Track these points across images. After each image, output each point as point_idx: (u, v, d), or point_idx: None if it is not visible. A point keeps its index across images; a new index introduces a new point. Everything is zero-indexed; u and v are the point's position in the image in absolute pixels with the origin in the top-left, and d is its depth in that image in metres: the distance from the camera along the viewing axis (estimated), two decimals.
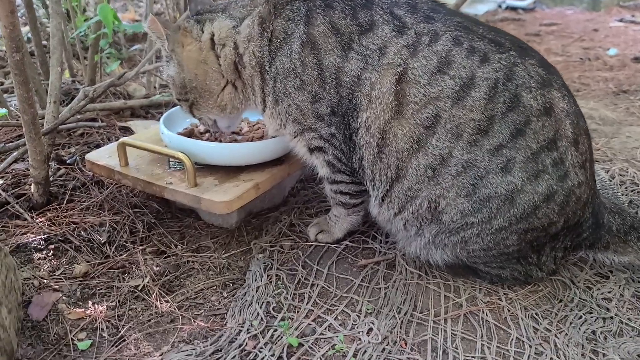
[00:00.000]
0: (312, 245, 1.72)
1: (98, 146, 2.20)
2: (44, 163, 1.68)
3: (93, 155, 1.78)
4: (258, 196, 1.69)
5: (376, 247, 1.72)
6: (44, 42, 3.43)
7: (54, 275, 1.57)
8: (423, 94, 1.38)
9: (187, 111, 1.65)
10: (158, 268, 1.62)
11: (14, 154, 1.84)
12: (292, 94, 1.49)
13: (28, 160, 1.72)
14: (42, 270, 1.59)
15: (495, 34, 1.44)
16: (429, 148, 1.40)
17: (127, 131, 2.37)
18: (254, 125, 1.93)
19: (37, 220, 1.74)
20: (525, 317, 1.44)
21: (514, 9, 5.49)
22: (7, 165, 1.82)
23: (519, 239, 1.43)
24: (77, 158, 2.05)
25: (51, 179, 1.92)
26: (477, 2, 5.47)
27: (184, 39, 1.53)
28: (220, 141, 1.80)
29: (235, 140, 1.81)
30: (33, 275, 1.56)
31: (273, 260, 1.65)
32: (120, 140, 1.70)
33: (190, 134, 1.83)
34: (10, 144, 1.87)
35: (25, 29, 3.27)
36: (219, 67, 1.54)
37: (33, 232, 1.69)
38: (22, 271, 1.57)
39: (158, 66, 2.38)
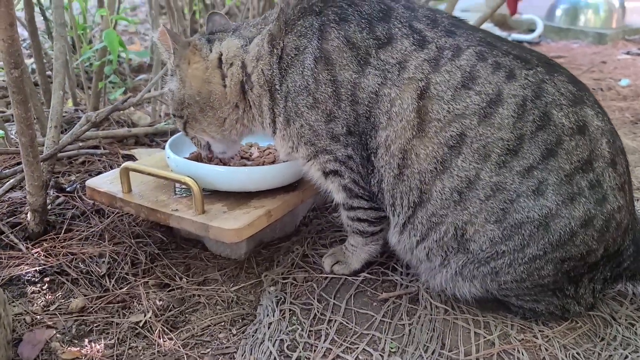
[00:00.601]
0: (327, 277, 1.60)
1: (99, 174, 2.09)
2: (41, 189, 1.57)
3: (94, 182, 1.68)
4: (269, 224, 1.58)
5: (397, 280, 1.59)
6: (48, 72, 3.39)
7: (48, 310, 1.45)
8: (447, 111, 1.29)
9: (181, 128, 1.58)
10: (161, 302, 1.49)
11: (11, 181, 1.73)
12: (304, 114, 1.40)
13: (25, 188, 1.62)
14: (35, 305, 1.46)
15: (520, 51, 1.36)
16: (454, 169, 1.30)
17: (131, 159, 2.27)
18: (264, 151, 1.83)
19: (32, 251, 1.62)
20: (566, 357, 1.31)
21: (519, 42, 5.48)
22: (2, 192, 1.71)
23: (554, 269, 1.31)
24: (78, 186, 1.95)
25: (49, 207, 1.82)
26: None
27: (191, 56, 1.48)
28: (229, 165, 1.69)
29: (245, 166, 1.70)
30: (25, 311, 1.43)
31: (286, 293, 1.53)
32: (124, 164, 1.59)
33: (197, 158, 1.73)
34: (6, 171, 1.77)
35: (29, 61, 3.22)
36: (223, 88, 1.48)
37: (27, 264, 1.57)
38: (14, 306, 1.45)
39: (163, 92, 2.30)
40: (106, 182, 1.67)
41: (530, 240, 1.29)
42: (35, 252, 1.62)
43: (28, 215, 1.65)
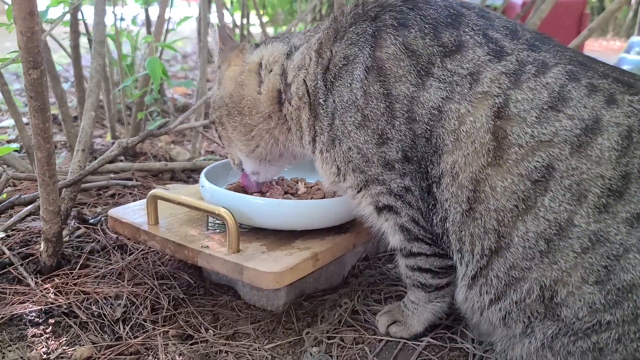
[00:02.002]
0: (382, 339, 1.31)
1: None
2: (57, 216, 1.37)
3: (117, 211, 1.48)
4: (314, 271, 1.32)
5: (468, 348, 1.29)
6: None
7: (48, 359, 1.21)
8: (530, 135, 1.05)
9: (217, 137, 1.46)
10: (181, 358, 1.23)
11: (28, 207, 1.55)
12: (352, 133, 1.18)
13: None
14: (34, 350, 1.23)
15: (621, 73, 1.11)
16: (540, 210, 1.04)
17: None
18: (312, 187, 1.59)
19: (41, 287, 1.41)
20: None
21: None
22: (18, 219, 1.52)
23: None
24: (102, 219, 1.75)
25: (67, 239, 1.62)
26: None
27: (234, 59, 1.36)
28: None
29: None
30: (21, 357, 1.20)
31: (331, 356, 1.25)
32: (152, 191, 1.39)
33: (236, 190, 1.51)
34: (26, 196, 1.59)
35: (66, 85, 3.14)
36: (257, 95, 1.32)
37: (33, 302, 1.35)
38: (9, 350, 1.22)
39: (206, 123, 2.12)
40: (130, 212, 1.46)
41: None
42: (44, 289, 1.40)
43: (41, 245, 1.45)
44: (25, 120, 2.09)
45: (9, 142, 2.58)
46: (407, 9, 1.18)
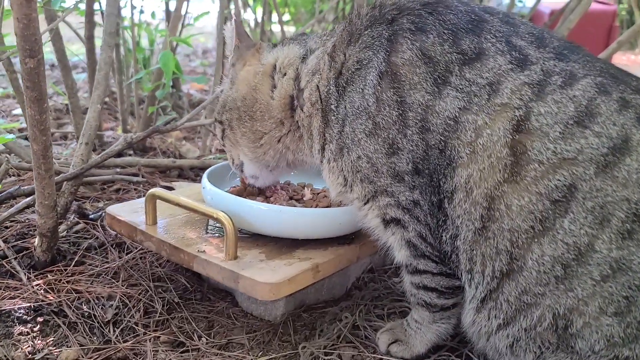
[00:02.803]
0: (382, 359, 1.24)
1: None
2: (52, 210, 1.33)
3: (115, 209, 1.43)
4: (314, 283, 1.26)
5: None
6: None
7: (33, 359, 1.16)
8: (552, 152, 0.97)
9: (219, 137, 1.39)
10: None
11: (27, 199, 1.51)
12: (362, 142, 1.12)
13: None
14: (19, 349, 1.18)
15: None
16: (558, 233, 0.96)
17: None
18: (318, 193, 1.53)
19: (33, 283, 1.36)
20: None
21: None
22: (15, 211, 1.48)
23: None
24: (103, 214, 1.70)
25: (65, 233, 1.57)
26: None
27: (250, 58, 1.30)
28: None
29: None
30: (5, 356, 1.15)
31: None
32: (151, 190, 1.33)
33: (239, 193, 1.45)
34: (25, 187, 1.55)
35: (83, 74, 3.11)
36: (270, 99, 1.26)
37: (23, 298, 1.31)
38: None
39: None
40: (128, 211, 1.41)
41: None
42: (36, 285, 1.36)
43: (36, 239, 1.41)
44: None
45: (20, 130, 2.56)
46: (426, 13, 1.12)
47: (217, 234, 1.34)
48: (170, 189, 2.03)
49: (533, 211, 0.98)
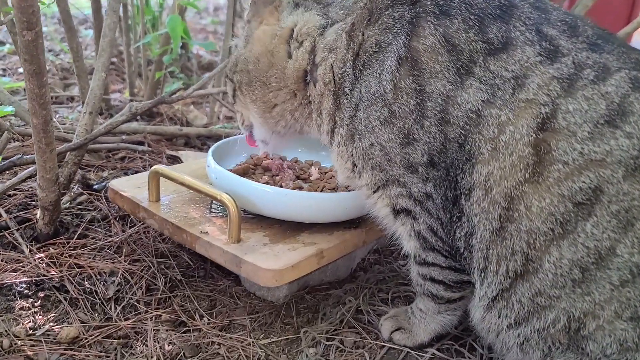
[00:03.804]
0: (384, 346, 1.23)
1: (135, 174, 1.82)
2: (54, 184, 1.30)
3: (118, 183, 1.40)
4: (319, 268, 1.24)
5: None
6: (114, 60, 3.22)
7: (33, 335, 1.16)
8: (579, 153, 0.92)
9: (230, 95, 1.31)
10: (171, 347, 1.17)
11: (30, 169, 1.48)
12: (375, 129, 1.07)
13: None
14: (20, 325, 1.18)
15: None
16: (579, 236, 0.92)
17: (176, 161, 2.00)
18: (326, 173, 1.49)
19: (35, 256, 1.35)
20: None
21: None
22: (18, 180, 1.46)
23: None
24: (107, 185, 1.68)
25: (68, 205, 1.56)
26: None
27: (268, 16, 1.21)
28: (281, 185, 1.37)
29: (300, 188, 1.37)
30: (6, 331, 1.15)
31: (328, 359, 1.18)
32: (154, 167, 1.30)
33: (244, 171, 1.42)
34: (28, 156, 1.52)
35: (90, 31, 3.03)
36: (284, 67, 1.19)
37: (24, 271, 1.30)
38: None
39: (223, 90, 2.02)
40: (132, 186, 1.39)
41: None
42: (38, 258, 1.35)
43: (38, 212, 1.39)
44: None
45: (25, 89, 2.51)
46: None
47: (221, 214, 1.31)
48: (177, 158, 2.01)
49: (554, 213, 0.94)
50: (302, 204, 1.24)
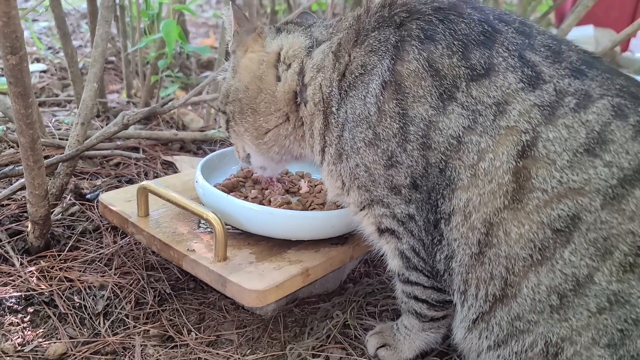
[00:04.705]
0: None
1: (130, 181, 1.84)
2: (43, 199, 1.31)
3: (109, 197, 1.41)
4: (304, 286, 1.24)
5: None
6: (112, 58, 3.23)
7: (22, 351, 1.18)
8: (558, 181, 0.92)
9: (223, 127, 1.33)
10: None
11: (22, 180, 1.49)
12: (360, 150, 1.08)
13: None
14: (9, 340, 1.20)
15: None
16: (557, 263, 0.92)
17: (170, 167, 2.01)
18: (316, 186, 1.50)
19: (26, 269, 1.37)
20: None
21: None
22: (10, 192, 1.47)
23: None
24: (101, 193, 1.69)
25: (60, 216, 1.57)
26: None
27: (252, 44, 1.23)
28: (269, 201, 1.38)
29: (289, 203, 1.38)
30: None
31: None
32: (141, 184, 1.31)
33: (233, 186, 1.42)
34: (21, 167, 1.53)
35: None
36: (274, 91, 1.20)
37: (15, 286, 1.32)
38: None
39: (216, 97, 2.01)
40: (122, 200, 1.39)
41: None
42: (29, 272, 1.36)
43: (28, 226, 1.40)
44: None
45: None
46: (436, 20, 1.04)
47: (209, 229, 1.32)
48: (172, 164, 2.01)
49: (533, 240, 0.94)
50: (288, 223, 1.24)
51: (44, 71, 2.94)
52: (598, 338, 0.92)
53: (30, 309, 1.28)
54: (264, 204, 1.37)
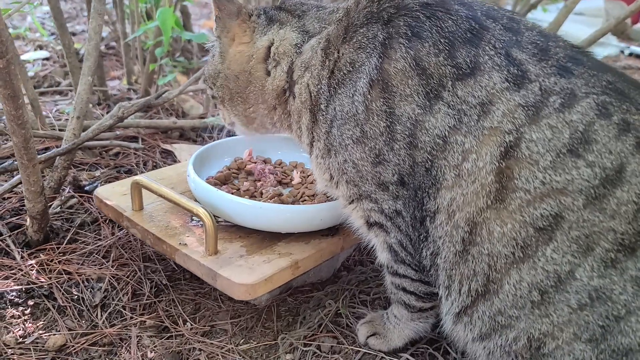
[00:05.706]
0: (359, 351, 1.27)
1: (129, 172, 1.87)
2: (40, 195, 1.34)
3: (104, 191, 1.44)
4: (294, 278, 1.27)
5: None
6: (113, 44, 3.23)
7: (23, 343, 1.22)
8: (541, 181, 0.92)
9: (211, 98, 1.38)
10: (153, 354, 1.23)
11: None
12: (348, 147, 1.09)
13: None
14: (11, 333, 1.24)
15: None
16: (539, 260, 0.94)
17: (169, 156, 2.03)
18: (308, 176, 1.51)
19: (26, 263, 1.41)
20: None
21: (639, 56, 4.78)
22: (9, 187, 1.51)
23: None
24: (100, 185, 1.72)
25: (58, 209, 1.60)
26: (596, 44, 4.80)
27: (238, 31, 1.22)
28: (261, 193, 1.40)
29: (280, 195, 1.40)
30: None
31: None
32: (134, 179, 1.33)
33: (225, 179, 1.44)
34: None
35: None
36: (263, 85, 1.22)
37: (16, 279, 1.36)
38: None
39: None
40: (117, 194, 1.42)
41: None
42: (29, 265, 1.40)
43: (27, 221, 1.43)
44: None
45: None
46: (423, 17, 1.04)
47: (201, 223, 1.34)
48: (171, 153, 2.04)
49: (515, 238, 0.95)
50: (278, 217, 1.26)
51: (47, 58, 2.96)
52: (580, 333, 0.93)
53: (30, 302, 1.32)
54: (255, 196, 1.40)
